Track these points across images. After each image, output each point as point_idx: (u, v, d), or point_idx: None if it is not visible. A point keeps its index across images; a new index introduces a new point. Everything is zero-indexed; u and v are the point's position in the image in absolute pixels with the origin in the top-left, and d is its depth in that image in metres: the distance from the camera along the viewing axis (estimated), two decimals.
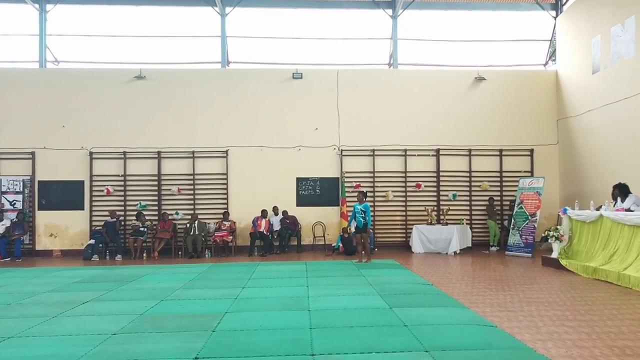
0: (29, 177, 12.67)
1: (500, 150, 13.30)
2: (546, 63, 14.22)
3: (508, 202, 13.07)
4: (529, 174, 13.05)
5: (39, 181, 12.69)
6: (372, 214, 12.54)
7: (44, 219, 12.68)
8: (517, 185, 12.46)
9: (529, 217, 11.66)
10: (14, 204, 12.63)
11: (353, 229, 10.51)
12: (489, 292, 7.01)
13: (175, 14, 13.89)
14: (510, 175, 13.20)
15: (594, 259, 8.44)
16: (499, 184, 13.28)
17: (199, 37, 13.83)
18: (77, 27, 13.71)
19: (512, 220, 12.08)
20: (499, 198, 13.19)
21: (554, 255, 9.46)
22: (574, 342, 4.53)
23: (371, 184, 13.09)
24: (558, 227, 9.88)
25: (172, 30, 13.80)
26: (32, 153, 12.65)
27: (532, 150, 13.33)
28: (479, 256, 11.44)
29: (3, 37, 13.58)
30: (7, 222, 12.19)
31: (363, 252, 10.05)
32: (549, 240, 9.75)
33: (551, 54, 14.03)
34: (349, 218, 12.42)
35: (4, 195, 12.62)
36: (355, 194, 12.74)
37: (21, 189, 12.66)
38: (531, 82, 13.52)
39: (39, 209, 12.68)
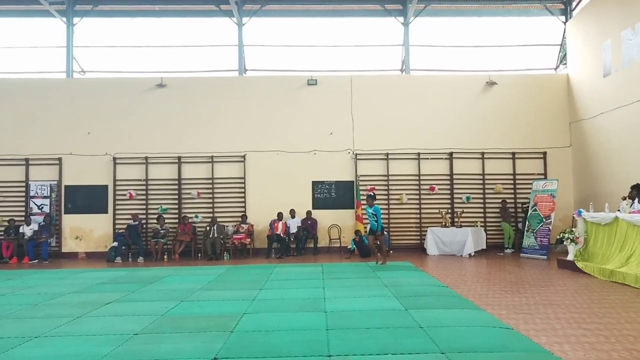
0: (56, 182, 13.16)
1: (513, 153, 13.35)
2: (557, 67, 14.27)
3: (521, 205, 13.11)
4: (542, 177, 13.08)
5: (65, 186, 13.16)
6: (384, 216, 12.81)
7: (70, 222, 13.15)
8: (530, 188, 12.50)
9: (544, 220, 11.68)
10: (42, 207, 13.12)
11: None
12: (504, 295, 6.98)
13: (194, 25, 14.41)
14: (524, 178, 13.26)
15: (610, 262, 8.39)
16: (512, 186, 13.33)
17: (217, 46, 14.26)
18: (102, 39, 14.27)
19: (527, 222, 12.12)
20: (512, 200, 13.24)
21: (570, 257, 9.44)
22: (591, 345, 4.46)
23: (385, 187, 13.28)
24: (573, 229, 9.86)
25: (191, 40, 14.28)
26: (59, 159, 13.16)
27: (544, 153, 13.35)
28: (493, 258, 11.50)
29: (33, 49, 14.19)
30: (35, 226, 12.63)
31: (379, 254, 10.15)
32: (564, 243, 9.72)
33: (562, 58, 14.05)
34: (363, 221, 12.68)
35: (33, 200, 13.13)
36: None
37: (48, 194, 13.17)
38: (543, 86, 13.58)
39: (65, 213, 13.14)
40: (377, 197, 13.09)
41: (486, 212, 13.29)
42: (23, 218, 12.76)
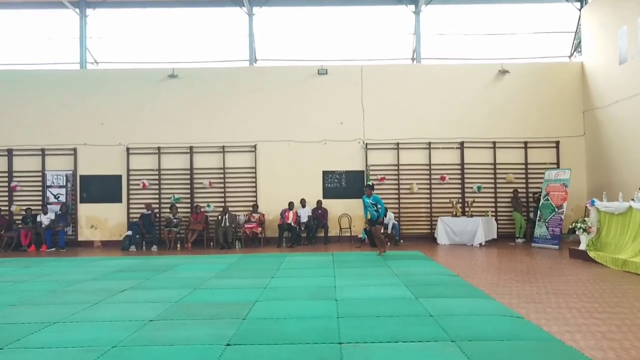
0: (71, 172, 13.39)
1: (525, 143, 13.27)
2: (571, 55, 14.09)
3: (533, 194, 13.05)
4: (555, 166, 12.99)
5: (80, 175, 13.39)
6: (394, 206, 12.88)
7: (86, 211, 13.39)
8: (542, 177, 12.44)
9: (556, 209, 11.63)
10: (58, 197, 13.38)
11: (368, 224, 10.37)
12: (515, 284, 6.95)
13: (205, 15, 14.41)
14: (536, 167, 13.17)
15: (623, 251, 8.34)
16: (524, 176, 13.27)
17: (227, 36, 14.28)
18: (114, 30, 14.38)
19: (538, 212, 12.07)
20: (524, 190, 13.19)
21: (582, 247, 9.41)
22: (603, 334, 4.44)
23: (396, 177, 13.29)
24: (585, 218, 9.82)
25: (202, 30, 14.30)
26: (74, 149, 13.37)
27: (557, 142, 13.25)
28: (504, 248, 11.48)
29: (47, 40, 14.36)
30: (51, 215, 12.91)
31: (378, 244, 9.98)
32: (577, 232, 9.70)
33: (576, 46, 13.87)
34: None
35: (49, 189, 13.39)
36: (381, 186, 13.10)
37: (64, 183, 13.41)
38: (556, 74, 13.43)
39: (80, 202, 13.38)
40: (388, 186, 13.22)
41: (497, 202, 13.26)
42: (40, 207, 13.04)
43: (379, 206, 9.66)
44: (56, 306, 5.68)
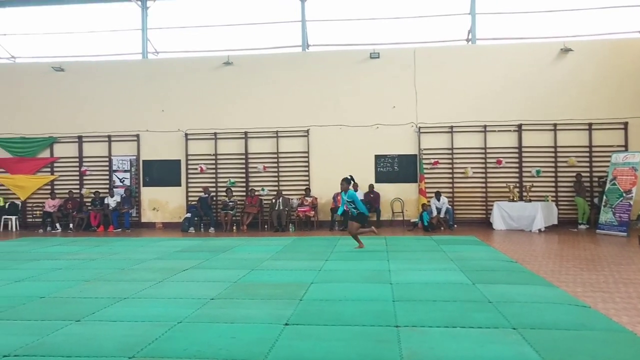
0: (135, 157, 14.10)
1: (590, 124, 12.65)
2: None
3: (598, 178, 12.47)
4: (623, 149, 12.31)
5: (143, 160, 14.07)
6: (440, 189, 12.64)
7: (148, 194, 14.09)
8: (608, 161, 11.83)
9: (624, 194, 11.05)
10: (123, 181, 14.15)
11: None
12: (579, 272, 6.69)
13: (258, 2, 14.55)
14: (601, 150, 12.55)
15: None
16: (587, 159, 12.68)
17: (280, 22, 14.39)
18: (173, 21, 14.86)
19: (604, 197, 11.52)
20: (587, 174, 12.61)
21: None
22: None
23: (450, 161, 13.07)
24: None
25: (255, 18, 14.49)
26: (137, 135, 14.04)
27: (626, 124, 12.54)
28: (566, 234, 11.07)
29: (110, 32, 15.05)
30: (117, 198, 13.70)
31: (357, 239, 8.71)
32: None
33: None
34: (427, 195, 12.60)
35: (115, 173, 14.17)
36: (434, 170, 12.92)
37: (129, 168, 14.14)
38: (624, 51, 12.66)
39: (143, 186, 14.09)
40: (442, 170, 13.02)
41: (558, 186, 12.77)
42: (107, 190, 13.84)
43: (355, 203, 8.41)
44: (125, 283, 6.04)
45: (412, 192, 13.17)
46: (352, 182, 8.71)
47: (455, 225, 12.50)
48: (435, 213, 12.30)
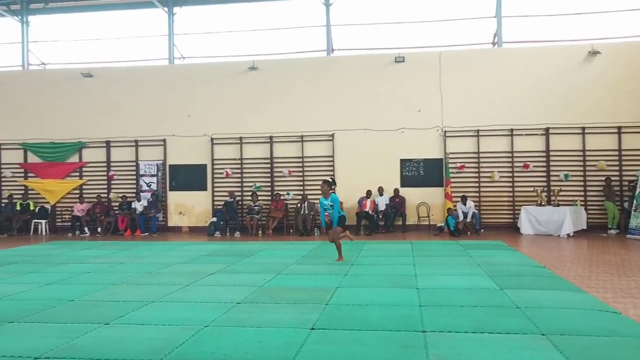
0: (161, 162, 14.32)
1: (619, 127, 12.35)
2: None
3: (628, 183, 12.14)
4: None
5: (169, 165, 14.29)
6: (466, 193, 12.48)
7: (174, 198, 14.28)
8: (638, 164, 11.56)
9: None
10: (150, 185, 14.38)
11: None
12: (609, 277, 6.56)
13: (282, 7, 14.70)
14: (631, 153, 12.28)
15: None
16: (617, 163, 12.38)
17: (305, 27, 14.49)
18: (199, 26, 15.10)
19: (634, 201, 11.22)
20: (617, 178, 12.31)
21: None
22: None
23: (476, 165, 12.93)
24: None
25: (280, 23, 14.62)
26: (164, 140, 14.27)
27: None
28: (595, 239, 10.82)
29: (137, 38, 15.38)
30: (144, 202, 13.91)
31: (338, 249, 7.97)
32: None
33: None
34: (452, 199, 12.47)
35: (142, 178, 14.43)
36: (460, 175, 12.77)
37: (155, 172, 14.38)
38: None
39: (170, 190, 14.29)
40: (468, 174, 12.88)
41: (587, 190, 12.49)
42: (134, 195, 14.09)
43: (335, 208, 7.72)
44: (153, 286, 6.10)
45: (437, 197, 13.05)
46: (334, 186, 8.08)
47: (482, 230, 12.33)
48: (461, 217, 12.17)
